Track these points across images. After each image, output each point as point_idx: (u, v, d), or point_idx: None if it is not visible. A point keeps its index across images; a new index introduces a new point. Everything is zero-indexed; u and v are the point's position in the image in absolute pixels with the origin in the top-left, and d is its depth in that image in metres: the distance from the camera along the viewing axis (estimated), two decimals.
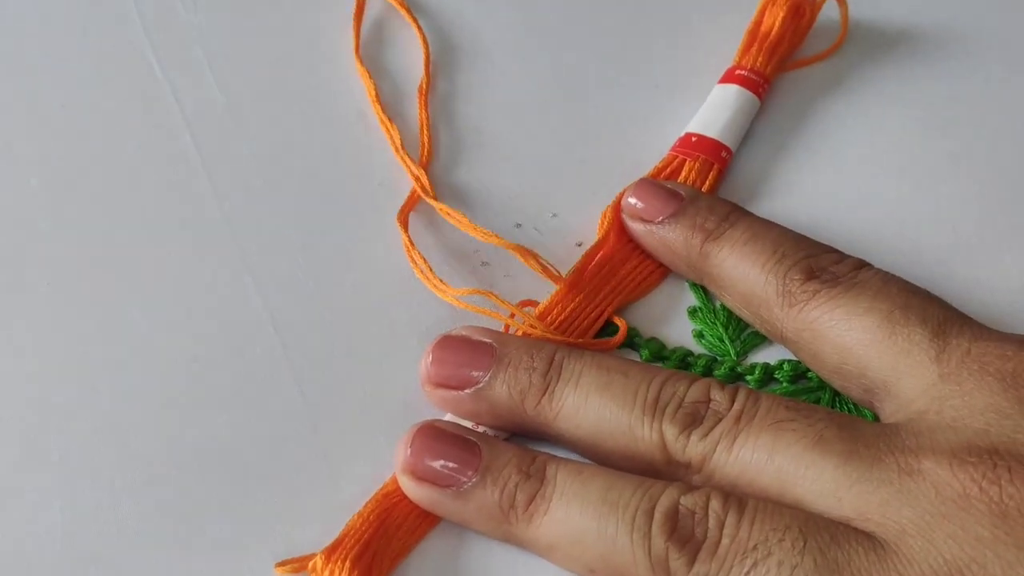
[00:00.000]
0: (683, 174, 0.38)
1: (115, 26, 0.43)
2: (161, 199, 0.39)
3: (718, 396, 0.31)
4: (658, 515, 0.28)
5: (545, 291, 0.36)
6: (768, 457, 0.29)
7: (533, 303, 0.35)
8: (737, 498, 0.28)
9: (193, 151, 0.40)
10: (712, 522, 0.28)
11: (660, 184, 0.37)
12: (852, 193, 0.39)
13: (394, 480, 0.32)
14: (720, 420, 0.30)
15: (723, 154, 0.39)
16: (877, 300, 0.32)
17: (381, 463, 0.32)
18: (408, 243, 0.36)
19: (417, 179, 0.38)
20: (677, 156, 0.39)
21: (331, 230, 0.38)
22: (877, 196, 0.39)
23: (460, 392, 0.32)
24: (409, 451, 0.31)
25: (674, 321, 0.36)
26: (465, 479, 0.30)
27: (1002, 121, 0.41)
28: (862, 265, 0.33)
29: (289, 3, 0.44)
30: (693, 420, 0.30)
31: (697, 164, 0.38)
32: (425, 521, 0.31)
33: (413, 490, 0.31)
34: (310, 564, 0.30)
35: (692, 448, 0.30)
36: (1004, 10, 0.44)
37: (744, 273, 0.34)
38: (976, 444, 0.28)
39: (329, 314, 0.36)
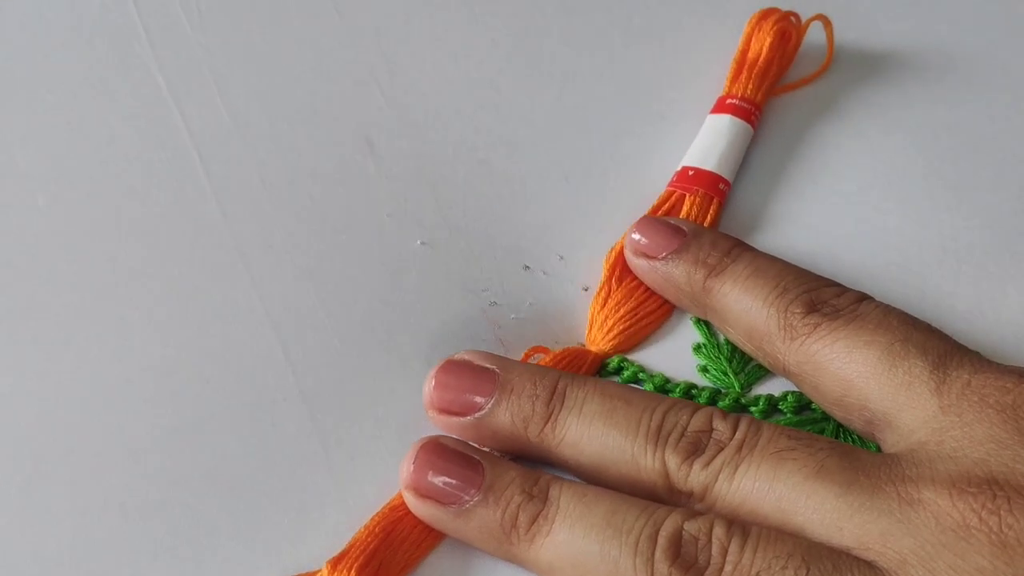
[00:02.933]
0: (684, 209, 0.39)
1: (121, 45, 0.43)
2: (169, 220, 0.39)
3: (720, 425, 0.31)
4: (662, 540, 0.29)
5: (552, 335, 0.37)
6: (769, 486, 0.29)
7: (544, 350, 0.36)
8: (740, 525, 0.29)
9: (200, 171, 0.40)
10: (715, 549, 0.28)
11: (663, 221, 0.37)
12: (850, 221, 0.39)
13: (400, 495, 0.32)
14: (722, 449, 0.30)
15: (721, 186, 0.39)
16: (878, 333, 0.32)
17: (389, 482, 0.33)
18: None
19: None
20: (676, 191, 0.39)
21: (340, 254, 0.38)
22: (876, 224, 0.39)
23: (463, 418, 0.33)
24: (412, 467, 0.31)
25: (679, 357, 0.36)
26: (467, 497, 0.31)
27: (1001, 145, 0.41)
28: (863, 298, 0.34)
29: (295, 23, 0.44)
30: (695, 449, 0.31)
31: (697, 199, 0.39)
32: (431, 535, 0.32)
33: (416, 506, 0.31)
34: (317, 574, 0.31)
35: (694, 477, 0.30)
36: (993, 30, 0.44)
37: (746, 307, 0.34)
38: (975, 474, 0.28)
39: (337, 337, 0.36)
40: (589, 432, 0.32)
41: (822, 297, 0.34)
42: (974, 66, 0.44)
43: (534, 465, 0.33)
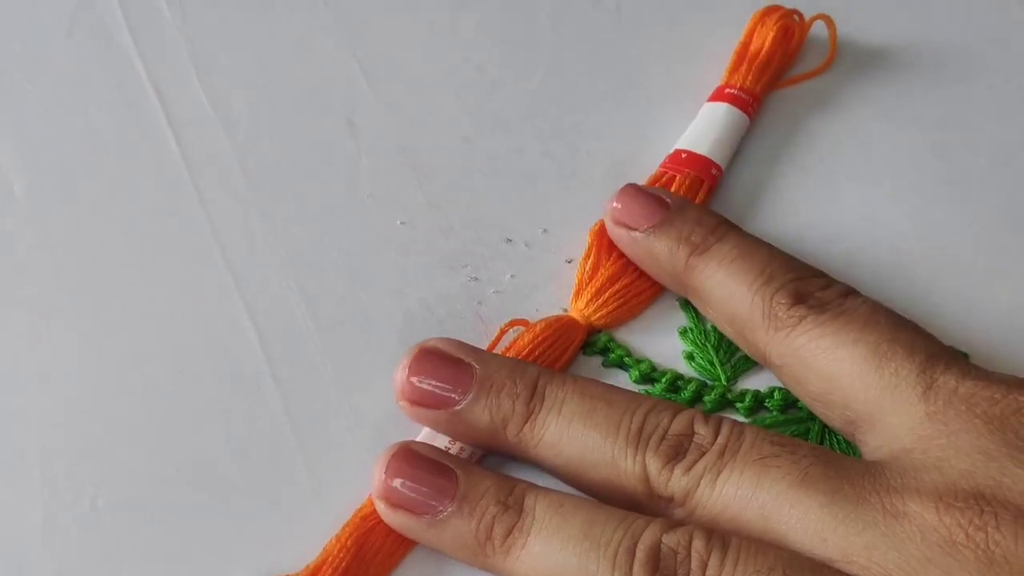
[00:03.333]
0: (673, 189, 0.38)
1: (102, 35, 0.43)
2: (148, 212, 0.38)
3: (702, 429, 0.30)
4: (640, 553, 0.28)
5: (533, 308, 0.36)
6: (752, 493, 0.29)
7: (524, 323, 0.35)
8: (720, 537, 0.28)
9: (178, 156, 0.39)
10: (695, 562, 0.27)
11: (647, 190, 0.36)
12: (843, 214, 0.39)
13: (371, 502, 0.31)
14: (704, 454, 0.30)
15: (713, 171, 0.39)
16: (865, 331, 0.31)
17: (364, 476, 0.32)
18: None
19: None
20: (667, 172, 0.39)
21: (319, 243, 0.37)
22: (869, 218, 0.39)
23: (437, 411, 0.32)
24: (384, 475, 0.30)
25: (665, 340, 0.36)
26: (441, 507, 0.30)
27: (1002, 141, 0.41)
28: (850, 292, 0.33)
29: (277, 11, 0.44)
30: (676, 453, 0.30)
31: (687, 180, 0.38)
32: (403, 545, 0.31)
33: (388, 516, 0.30)
34: None
35: (675, 482, 0.30)
36: (993, 28, 0.44)
37: (730, 292, 0.33)
38: (962, 487, 0.28)
39: (316, 330, 0.35)
40: (568, 433, 0.31)
41: (809, 288, 0.33)
42: (972, 63, 0.43)
43: (506, 467, 0.32)
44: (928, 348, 0.31)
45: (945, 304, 0.36)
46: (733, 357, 0.35)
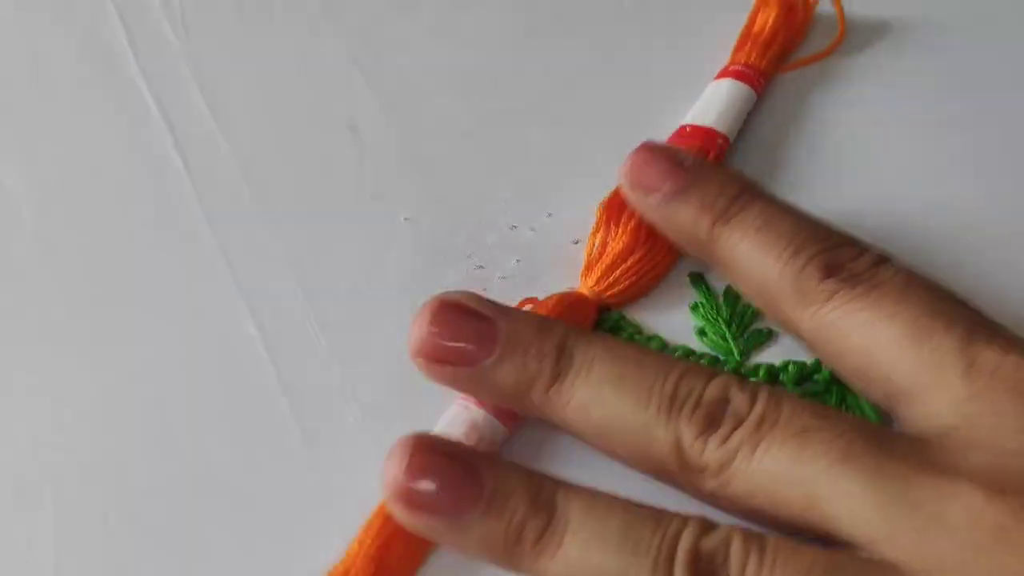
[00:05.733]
0: None
1: (104, 49, 0.43)
2: (151, 222, 0.38)
3: (737, 397, 0.29)
4: (680, 558, 0.26)
5: (541, 289, 0.35)
6: (792, 468, 0.27)
7: (534, 300, 0.35)
8: (757, 538, 0.27)
9: (183, 172, 0.39)
10: (734, 566, 0.26)
11: (665, 150, 0.34)
12: (860, 192, 0.38)
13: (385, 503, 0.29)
14: (740, 423, 0.28)
15: (719, 141, 0.38)
16: (901, 305, 0.30)
17: (373, 477, 0.30)
18: None
19: None
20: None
21: (324, 247, 0.37)
22: (886, 195, 0.38)
23: (458, 368, 0.30)
24: (402, 472, 0.28)
25: (676, 316, 0.35)
26: (468, 509, 0.28)
27: (1014, 115, 0.40)
28: (883, 260, 0.31)
29: (277, 20, 0.44)
30: (711, 422, 0.28)
31: (692, 151, 0.37)
32: (422, 549, 0.30)
33: (406, 517, 0.28)
34: None
35: (709, 453, 0.28)
36: (1012, 2, 0.44)
37: (757, 263, 0.32)
38: (1013, 468, 0.26)
39: (322, 333, 0.35)
40: (599, 398, 0.29)
41: (839, 259, 0.31)
42: (983, 34, 0.42)
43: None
44: (968, 321, 0.29)
45: (967, 280, 0.34)
46: (746, 332, 0.34)
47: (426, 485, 0.27)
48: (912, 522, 0.26)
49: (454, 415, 0.32)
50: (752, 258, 0.32)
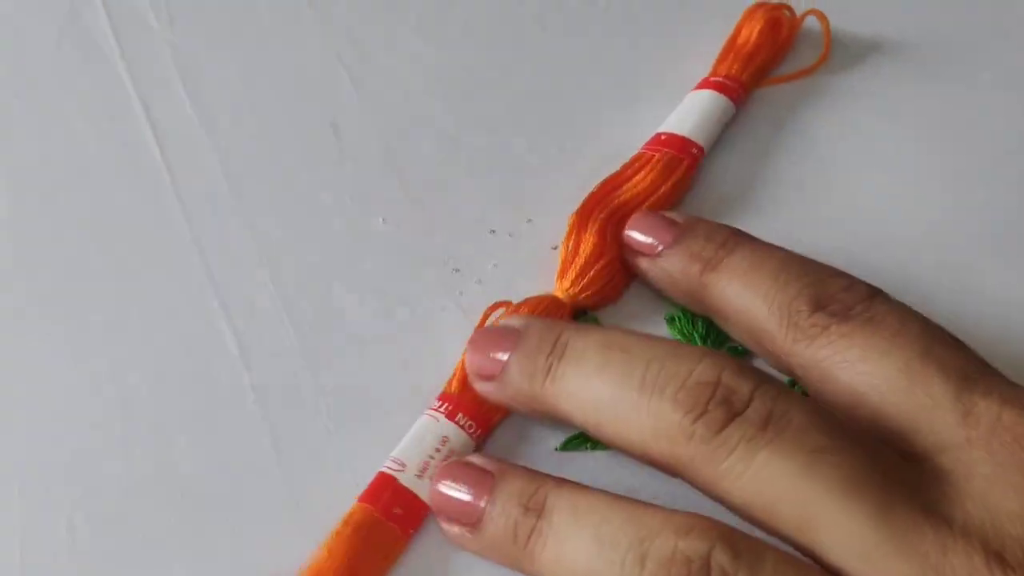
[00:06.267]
0: (649, 167, 0.37)
1: (88, 42, 0.43)
2: (130, 222, 0.38)
3: (733, 381, 0.28)
4: (650, 563, 0.26)
5: (516, 296, 0.35)
6: (795, 485, 0.26)
7: (507, 304, 0.35)
8: (753, 552, 0.26)
9: (164, 170, 0.39)
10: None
11: (658, 214, 0.35)
12: (839, 210, 0.38)
13: (359, 511, 0.30)
14: (735, 416, 0.27)
15: (693, 150, 0.38)
16: (895, 344, 0.29)
17: (342, 485, 0.31)
18: None
19: None
20: (644, 153, 0.38)
21: (301, 251, 0.37)
22: (866, 213, 0.38)
23: (489, 383, 0.31)
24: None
25: (652, 328, 0.35)
26: (477, 514, 0.29)
27: (998, 135, 0.40)
28: (875, 294, 0.31)
29: (262, 16, 0.44)
30: (696, 404, 0.27)
31: (665, 159, 0.38)
32: (391, 555, 0.30)
33: (445, 530, 0.30)
34: None
35: (699, 444, 0.27)
36: (994, 24, 0.44)
37: (746, 304, 0.31)
38: (1010, 534, 0.26)
39: (297, 339, 0.35)
40: (586, 386, 0.29)
41: (829, 291, 0.31)
42: (972, 59, 0.43)
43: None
44: (965, 366, 0.29)
45: (950, 303, 0.35)
46: (722, 346, 0.34)
47: (443, 493, 0.30)
48: (908, 569, 0.25)
49: (423, 425, 0.32)
50: (741, 299, 0.32)
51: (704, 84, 0.40)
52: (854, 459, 0.27)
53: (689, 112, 0.39)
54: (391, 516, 0.30)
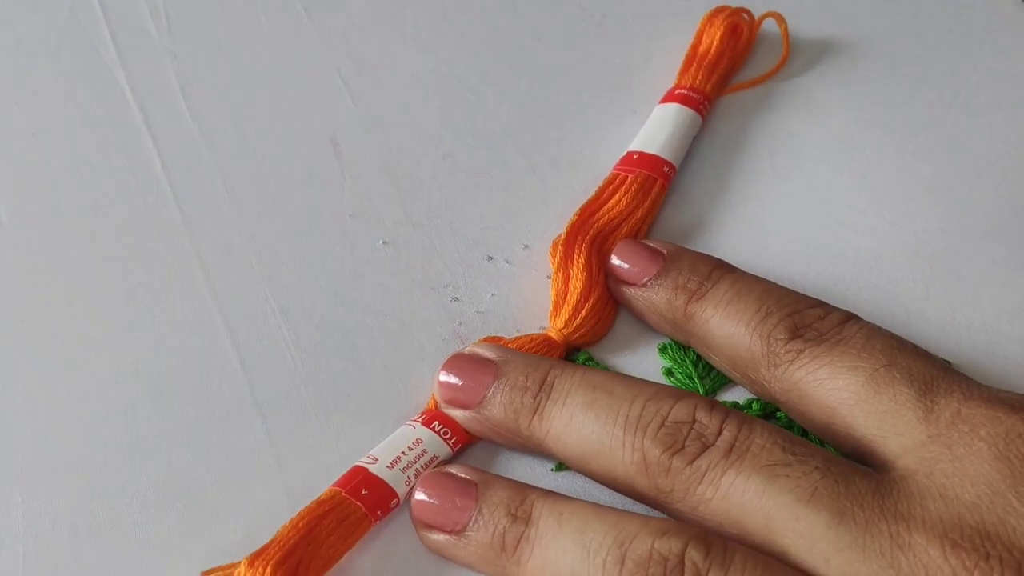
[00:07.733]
0: (623, 189, 0.38)
1: (88, 51, 0.43)
2: (130, 233, 0.38)
3: (704, 418, 0.30)
4: (628, 562, 0.28)
5: (514, 328, 0.36)
6: (757, 501, 0.28)
7: (499, 340, 0.36)
8: (723, 548, 0.28)
9: (162, 175, 0.40)
10: (689, 573, 0.27)
11: (642, 244, 0.36)
12: (821, 223, 0.39)
13: (328, 491, 0.31)
14: (707, 448, 0.29)
15: (665, 168, 0.39)
16: (861, 358, 0.31)
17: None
18: None
19: None
20: (619, 174, 0.39)
21: (301, 262, 0.38)
22: (847, 225, 0.39)
23: (467, 412, 0.33)
24: (415, 499, 0.31)
25: (644, 356, 0.36)
26: (462, 522, 0.30)
27: (959, 137, 0.41)
28: (847, 319, 0.32)
29: (262, 29, 0.44)
30: (674, 441, 0.30)
31: (639, 179, 0.38)
32: (354, 532, 0.31)
33: (425, 538, 0.31)
34: (235, 572, 0.30)
35: (675, 475, 0.29)
36: (972, 30, 0.44)
37: (729, 333, 0.33)
38: (968, 523, 0.27)
39: (295, 348, 0.36)
40: (571, 424, 0.31)
41: (806, 320, 0.32)
42: (949, 65, 0.43)
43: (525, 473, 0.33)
44: (928, 371, 0.31)
45: (929, 316, 0.36)
46: (712, 372, 0.35)
47: (428, 501, 0.31)
48: (869, 567, 0.27)
49: (400, 431, 0.33)
50: (724, 329, 0.33)
51: (670, 97, 0.41)
52: (810, 473, 0.28)
53: (658, 128, 0.40)
54: (358, 496, 0.31)
